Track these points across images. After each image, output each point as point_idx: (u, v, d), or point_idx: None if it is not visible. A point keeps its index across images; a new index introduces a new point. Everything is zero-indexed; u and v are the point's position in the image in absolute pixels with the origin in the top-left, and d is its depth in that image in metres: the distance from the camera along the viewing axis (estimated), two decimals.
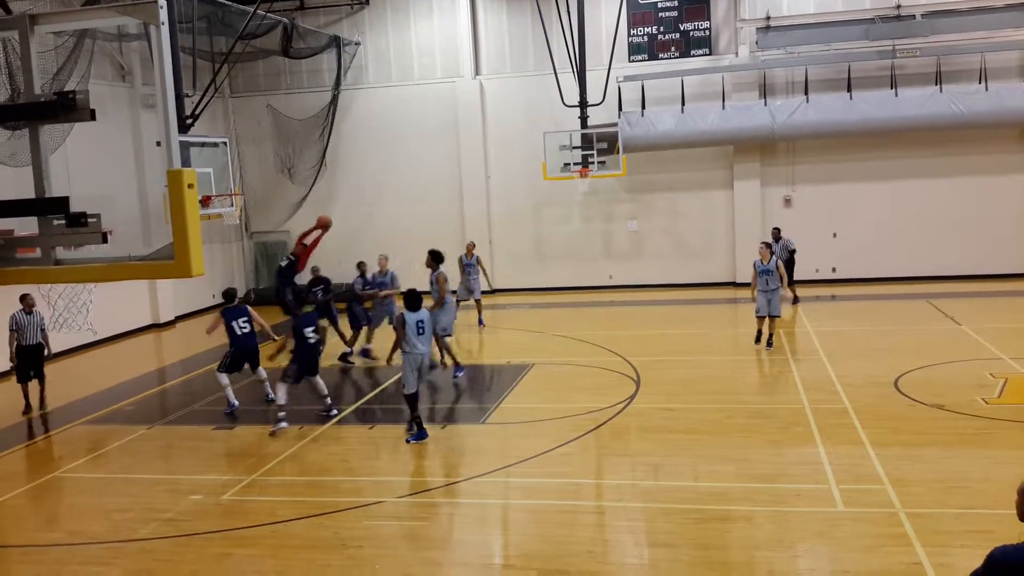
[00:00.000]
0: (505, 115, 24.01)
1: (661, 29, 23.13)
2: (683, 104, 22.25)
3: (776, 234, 20.01)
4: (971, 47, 21.09)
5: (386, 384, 14.85)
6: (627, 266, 23.80)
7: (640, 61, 23.16)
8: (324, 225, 16.51)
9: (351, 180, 25.22)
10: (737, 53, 22.66)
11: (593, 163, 22.08)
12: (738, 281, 22.88)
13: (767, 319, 15.65)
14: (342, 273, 25.16)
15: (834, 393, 12.70)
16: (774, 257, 15.78)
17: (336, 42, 24.44)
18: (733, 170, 22.97)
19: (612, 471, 10.54)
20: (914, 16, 21.31)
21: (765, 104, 22.02)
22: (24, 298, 13.91)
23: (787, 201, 22.78)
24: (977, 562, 4.34)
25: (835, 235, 22.15)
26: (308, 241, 16.10)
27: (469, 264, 19.54)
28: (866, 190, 22.26)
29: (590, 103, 22.47)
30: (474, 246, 19.95)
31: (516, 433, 11.78)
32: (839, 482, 9.29)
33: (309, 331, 12.43)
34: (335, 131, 24.98)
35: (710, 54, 22.90)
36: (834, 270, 22.39)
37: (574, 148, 22.31)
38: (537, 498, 9.43)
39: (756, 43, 22.27)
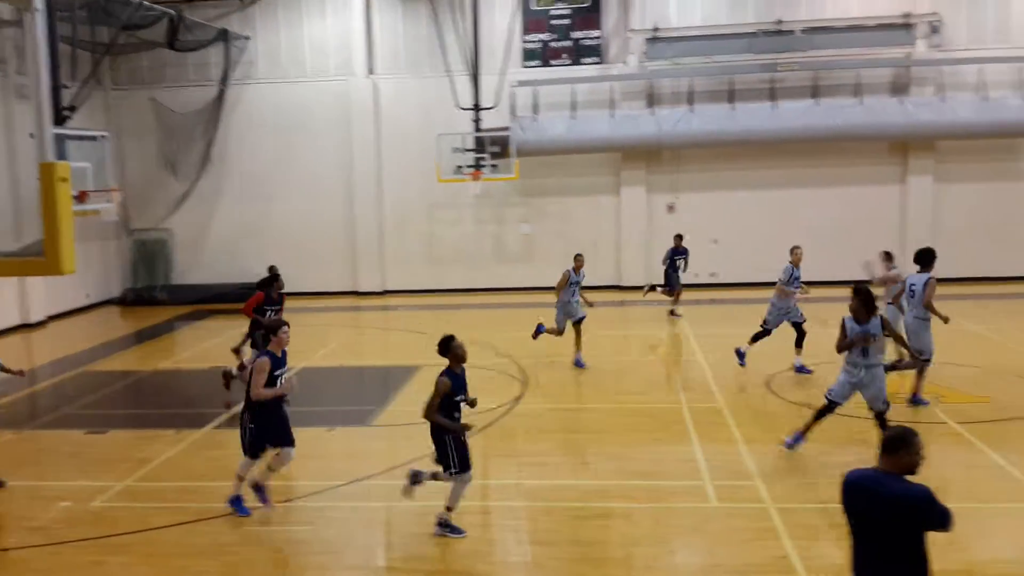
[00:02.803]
0: (399, 115, 23.92)
1: (554, 36, 23.48)
2: (574, 111, 22.64)
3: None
4: (846, 63, 22.18)
5: None
6: (519, 269, 24.04)
7: (533, 67, 23.45)
8: None
9: (238, 177, 24.67)
10: (626, 62, 23.20)
11: (486, 166, 22.25)
12: (623, 284, 23.40)
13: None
14: (228, 273, 24.67)
15: (710, 393, 13.18)
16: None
17: (224, 36, 23.87)
18: (620, 176, 23.51)
19: (498, 471, 10.65)
20: (794, 31, 22.28)
21: (652, 113, 22.62)
22: None
23: (670, 208, 23.44)
24: (840, 553, 4.69)
25: (716, 241, 22.92)
26: None
27: (576, 282, 15.57)
28: (746, 198, 23.13)
29: (484, 107, 22.65)
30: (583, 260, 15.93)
31: (403, 435, 11.76)
32: (713, 479, 9.65)
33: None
34: (222, 127, 24.41)
35: (601, 63, 23.37)
36: (713, 275, 23.15)
37: (467, 151, 22.45)
38: (423, 500, 9.43)
39: (645, 53, 22.85)
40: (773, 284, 20.79)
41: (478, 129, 22.68)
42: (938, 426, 11.30)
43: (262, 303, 13.49)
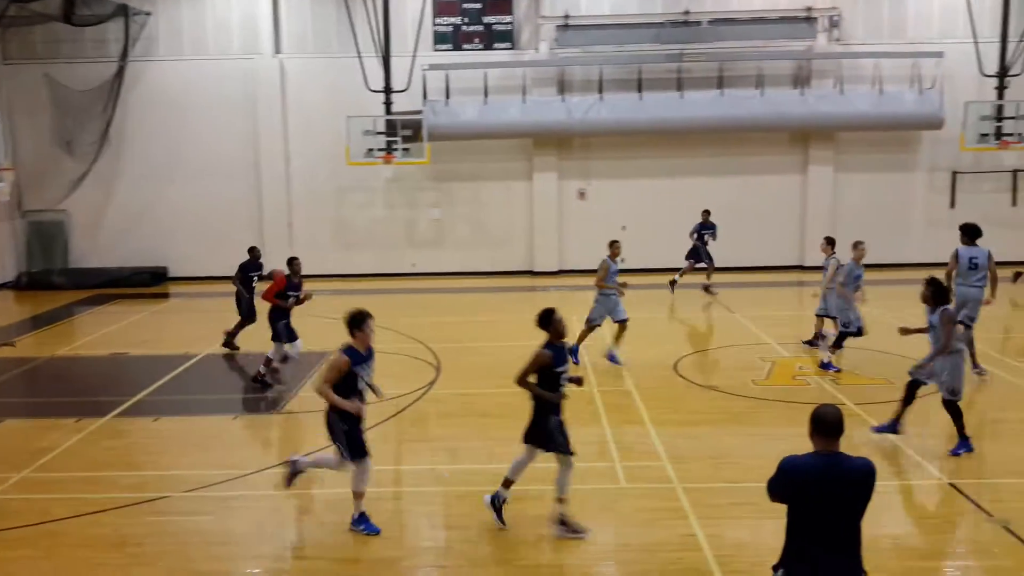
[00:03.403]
0: (307, 97, 23.46)
1: (465, 20, 23.38)
2: (486, 96, 22.61)
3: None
4: (750, 55, 22.73)
5: (173, 374, 14.18)
6: (430, 254, 23.94)
7: (445, 51, 23.30)
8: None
9: (139, 157, 23.84)
10: (538, 49, 23.27)
11: (397, 150, 22.06)
12: (535, 270, 23.55)
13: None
14: (129, 256, 23.86)
15: (619, 376, 13.41)
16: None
17: (124, 11, 22.96)
18: (533, 162, 23.61)
19: (410, 457, 10.62)
20: (700, 23, 22.70)
21: (563, 100, 22.76)
22: None
23: (581, 194, 23.68)
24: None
25: (624, 228, 23.21)
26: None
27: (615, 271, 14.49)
28: (654, 186, 23.53)
29: (395, 89, 22.42)
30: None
31: (313, 422, 11.53)
32: (622, 459, 9.84)
33: None
34: (121, 105, 23.52)
35: (512, 48, 23.38)
36: (623, 260, 23.40)
37: (378, 134, 22.21)
38: (333, 487, 9.32)
39: (555, 40, 22.96)
40: (678, 269, 21.43)
41: (389, 112, 22.44)
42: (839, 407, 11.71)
43: (284, 289, 12.99)
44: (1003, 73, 22.42)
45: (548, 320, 8.31)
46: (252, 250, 15.83)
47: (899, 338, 15.19)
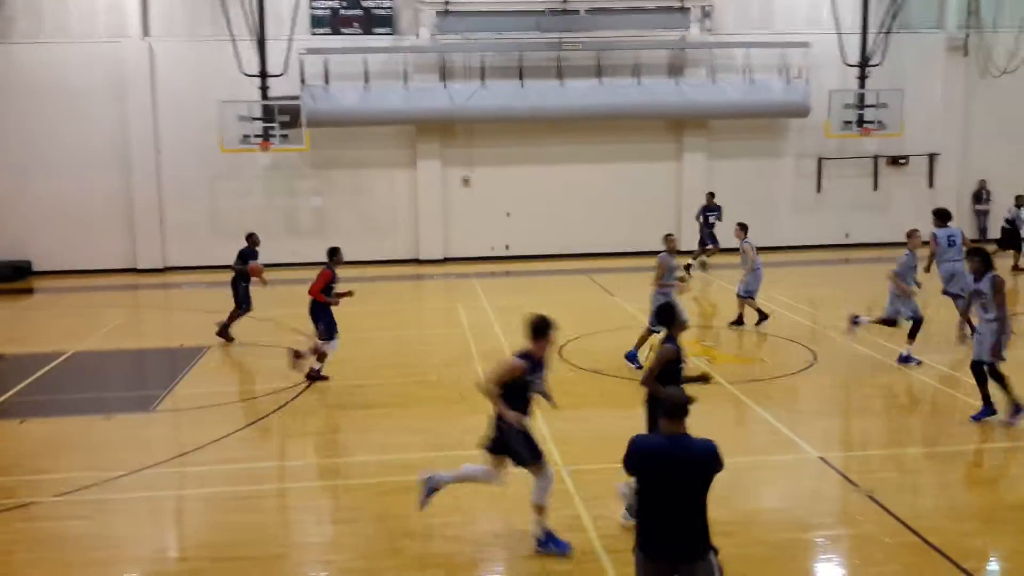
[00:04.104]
0: (178, 82, 22.57)
1: (344, 4, 22.97)
2: (367, 81, 22.29)
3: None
4: (627, 44, 23.17)
5: (40, 373, 13.48)
6: (312, 243, 23.41)
7: (323, 34, 22.84)
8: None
9: None
10: (418, 35, 23.08)
11: (275, 136, 21.53)
12: (421, 258, 23.45)
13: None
14: None
15: None
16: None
17: None
18: (416, 149, 23.44)
19: (296, 452, 10.43)
20: (578, 11, 22.98)
21: (445, 87, 22.67)
22: None
23: (466, 181, 23.68)
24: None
25: (509, 215, 23.41)
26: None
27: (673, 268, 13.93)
28: (537, 173, 23.74)
29: (271, 74, 21.85)
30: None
31: (190, 420, 11.25)
32: None
33: None
34: None
35: (393, 33, 23.12)
36: (508, 247, 23.64)
37: (254, 120, 21.62)
38: (214, 486, 9.08)
39: (436, 26, 22.82)
40: (562, 256, 21.75)
41: (265, 97, 21.87)
42: (713, 387, 12.10)
43: (329, 282, 12.60)
44: (864, 63, 23.58)
45: (671, 316, 7.98)
46: (250, 236, 15.35)
47: (774, 319, 15.87)
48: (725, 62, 23.60)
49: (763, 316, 15.31)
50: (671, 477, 5.14)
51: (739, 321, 15.46)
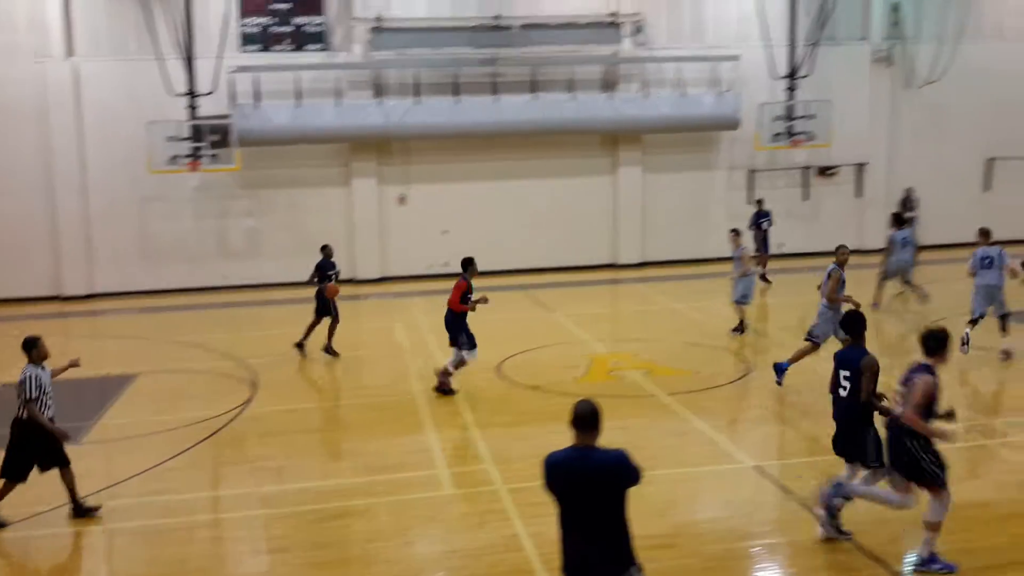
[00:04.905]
0: (104, 102, 21.97)
1: (275, 21, 22.71)
2: (299, 99, 22.04)
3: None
4: (561, 59, 23.31)
5: None
6: (244, 265, 23.06)
7: (253, 52, 22.53)
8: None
9: None
10: (351, 51, 22.91)
11: (204, 156, 21.15)
12: (358, 278, 23.19)
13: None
14: None
15: None
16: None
17: None
18: (351, 167, 23.22)
19: (230, 481, 10.19)
20: (512, 27, 23.05)
21: (380, 104, 22.53)
22: None
23: (402, 199, 23.51)
24: None
25: (446, 232, 23.28)
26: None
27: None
28: (474, 189, 23.68)
29: (200, 92, 21.48)
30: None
31: (119, 450, 10.92)
32: (448, 465, 9.85)
33: None
34: None
35: (325, 50, 22.92)
36: (446, 264, 23.48)
37: (183, 140, 21.21)
38: (144, 519, 8.80)
39: (370, 43, 22.69)
40: (500, 273, 21.69)
41: (194, 116, 21.47)
42: (649, 399, 12.21)
43: (466, 292, 12.41)
44: (792, 75, 24.07)
45: (860, 324, 7.85)
46: (325, 248, 15.47)
47: (709, 330, 16.05)
48: (657, 76, 23.89)
49: (743, 326, 15.67)
50: (579, 491, 5.02)
51: (740, 327, 15.72)
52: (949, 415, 7.30)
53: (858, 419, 7.58)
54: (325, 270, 15.23)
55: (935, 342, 7.19)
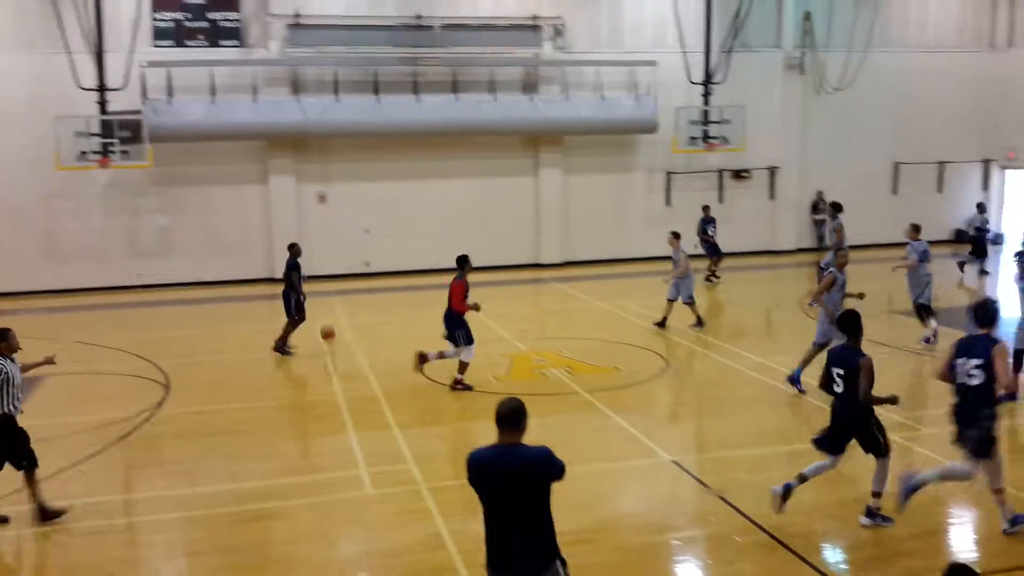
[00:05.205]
0: (7, 95, 21.11)
1: (188, 16, 22.14)
2: (213, 95, 21.54)
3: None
4: (482, 60, 23.32)
5: None
6: (157, 264, 22.42)
7: (166, 47, 21.92)
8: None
9: None
10: (268, 48, 22.51)
11: (115, 152, 20.50)
12: (276, 277, 22.74)
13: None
14: None
15: (365, 381, 13.26)
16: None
17: None
18: (268, 165, 22.80)
19: (143, 484, 9.89)
20: (432, 27, 22.97)
21: (298, 101, 22.18)
22: None
23: (321, 197, 23.20)
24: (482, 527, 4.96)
25: (368, 231, 23.06)
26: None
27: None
28: (396, 188, 23.51)
29: (110, 87, 20.82)
30: None
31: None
32: (369, 465, 9.72)
33: None
34: None
35: (241, 46, 22.45)
36: (367, 264, 23.30)
37: (92, 135, 20.52)
38: (56, 523, 8.46)
39: (287, 39, 22.32)
40: (423, 272, 21.58)
41: (104, 112, 20.79)
42: (572, 396, 12.30)
43: (465, 291, 12.44)
44: (708, 81, 24.59)
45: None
46: (293, 246, 15.29)
47: (629, 328, 16.27)
48: (577, 79, 24.11)
49: (663, 322, 16.26)
50: (504, 487, 5.07)
51: (699, 322, 16.25)
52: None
53: (858, 416, 7.79)
54: (299, 269, 15.16)
55: (985, 313, 7.79)
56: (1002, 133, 26.75)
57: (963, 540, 7.99)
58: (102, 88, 20.80)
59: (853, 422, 7.82)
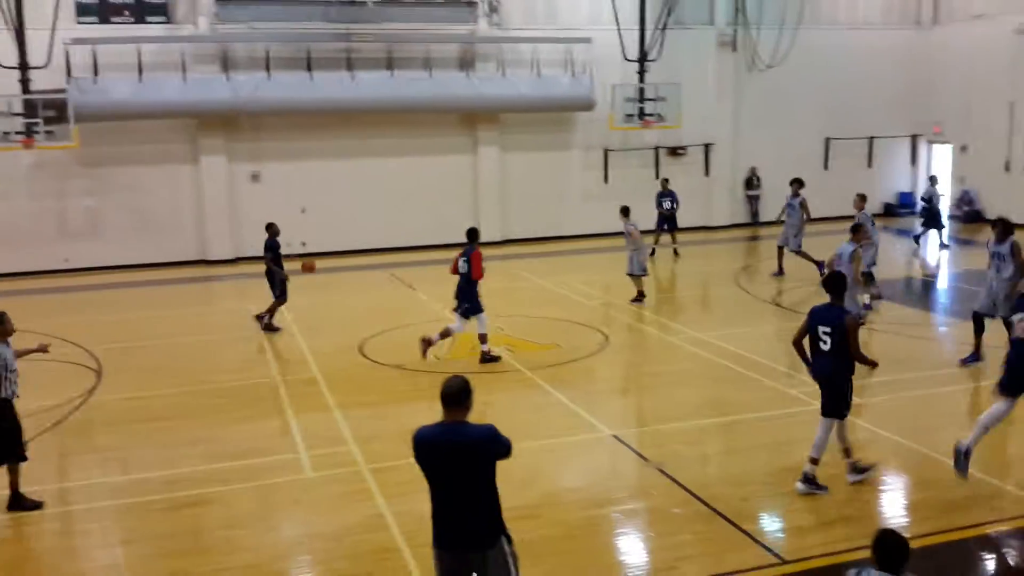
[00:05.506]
0: None
1: None
2: (140, 73, 20.94)
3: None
4: (417, 36, 23.06)
5: None
6: (85, 247, 21.79)
7: (90, 23, 21.22)
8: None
9: None
10: (196, 24, 21.92)
11: (39, 132, 19.82)
12: (209, 259, 22.35)
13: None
14: None
15: (304, 363, 13.11)
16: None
17: None
18: (198, 144, 22.27)
19: (76, 471, 9.66)
20: (366, 3, 22.60)
21: (228, 78, 21.68)
22: None
23: (255, 177, 22.78)
24: (428, 504, 4.99)
25: (304, 211, 22.72)
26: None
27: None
28: (331, 167, 23.17)
29: (32, 66, 20.08)
30: None
31: None
32: (309, 448, 9.64)
33: None
34: None
35: (168, 22, 21.84)
36: (304, 244, 22.97)
37: (14, 115, 19.82)
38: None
39: (216, 15, 21.76)
40: (361, 252, 21.34)
41: (27, 91, 20.07)
42: (513, 373, 12.34)
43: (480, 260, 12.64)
44: (643, 58, 24.68)
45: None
46: (270, 226, 15.15)
47: (569, 305, 16.33)
48: (514, 57, 24.00)
49: (642, 296, 16.41)
50: (450, 465, 5.10)
51: (639, 297, 16.39)
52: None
53: (841, 372, 8.02)
54: (277, 249, 15.11)
55: None
56: (929, 109, 27.44)
57: (895, 506, 8.23)
58: (24, 66, 20.05)
59: (833, 379, 8.06)
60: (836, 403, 8.09)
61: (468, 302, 12.69)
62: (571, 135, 25.16)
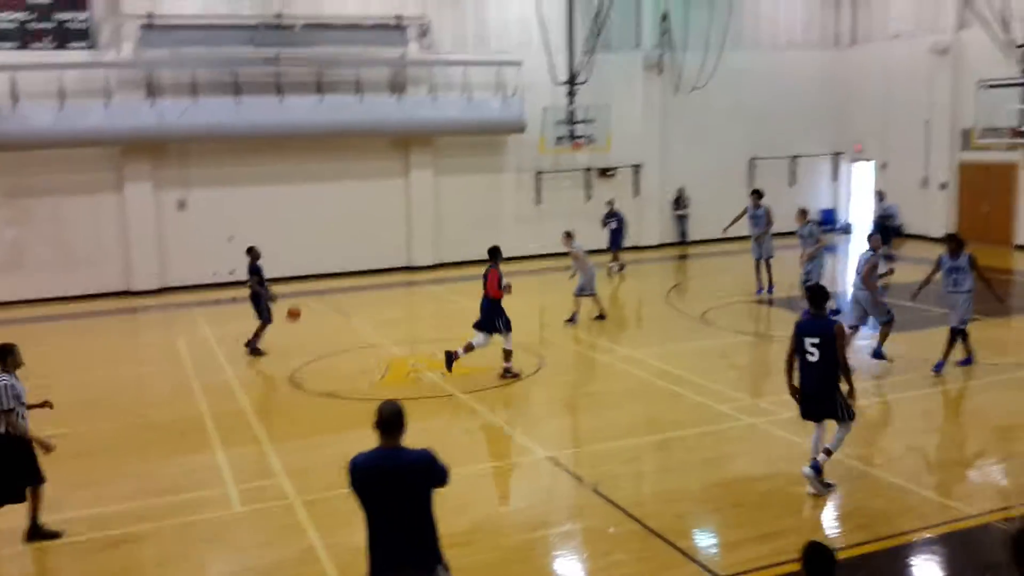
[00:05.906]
0: None
1: (33, 16, 20.91)
2: (62, 100, 20.42)
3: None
4: (347, 60, 22.95)
5: None
6: (4, 280, 21.07)
7: (9, 49, 20.66)
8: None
9: None
10: (120, 50, 21.50)
11: None
12: (134, 290, 21.81)
13: None
14: None
15: (232, 395, 12.82)
16: None
17: None
18: (122, 172, 21.77)
19: None
20: (294, 27, 22.44)
21: (153, 104, 21.28)
22: None
23: (181, 204, 22.34)
24: (362, 535, 4.89)
25: (231, 239, 22.29)
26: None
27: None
28: (260, 193, 22.83)
29: None
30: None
31: None
32: (237, 482, 9.40)
33: None
34: None
35: (91, 48, 21.38)
36: (232, 272, 22.51)
37: None
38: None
39: (141, 41, 21.37)
40: (292, 279, 21.03)
41: None
42: (446, 398, 12.26)
43: (500, 278, 12.78)
44: (572, 81, 24.96)
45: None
46: (251, 250, 15.33)
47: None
48: (445, 80, 24.05)
49: (602, 315, 16.76)
50: (387, 491, 5.04)
51: (572, 319, 16.50)
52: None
53: (832, 380, 8.18)
54: (261, 272, 15.15)
55: None
56: (849, 127, 28.30)
57: (830, 519, 8.36)
58: None
59: (824, 391, 8.22)
60: (835, 409, 8.28)
61: (492, 319, 12.87)
62: (503, 158, 25.27)
